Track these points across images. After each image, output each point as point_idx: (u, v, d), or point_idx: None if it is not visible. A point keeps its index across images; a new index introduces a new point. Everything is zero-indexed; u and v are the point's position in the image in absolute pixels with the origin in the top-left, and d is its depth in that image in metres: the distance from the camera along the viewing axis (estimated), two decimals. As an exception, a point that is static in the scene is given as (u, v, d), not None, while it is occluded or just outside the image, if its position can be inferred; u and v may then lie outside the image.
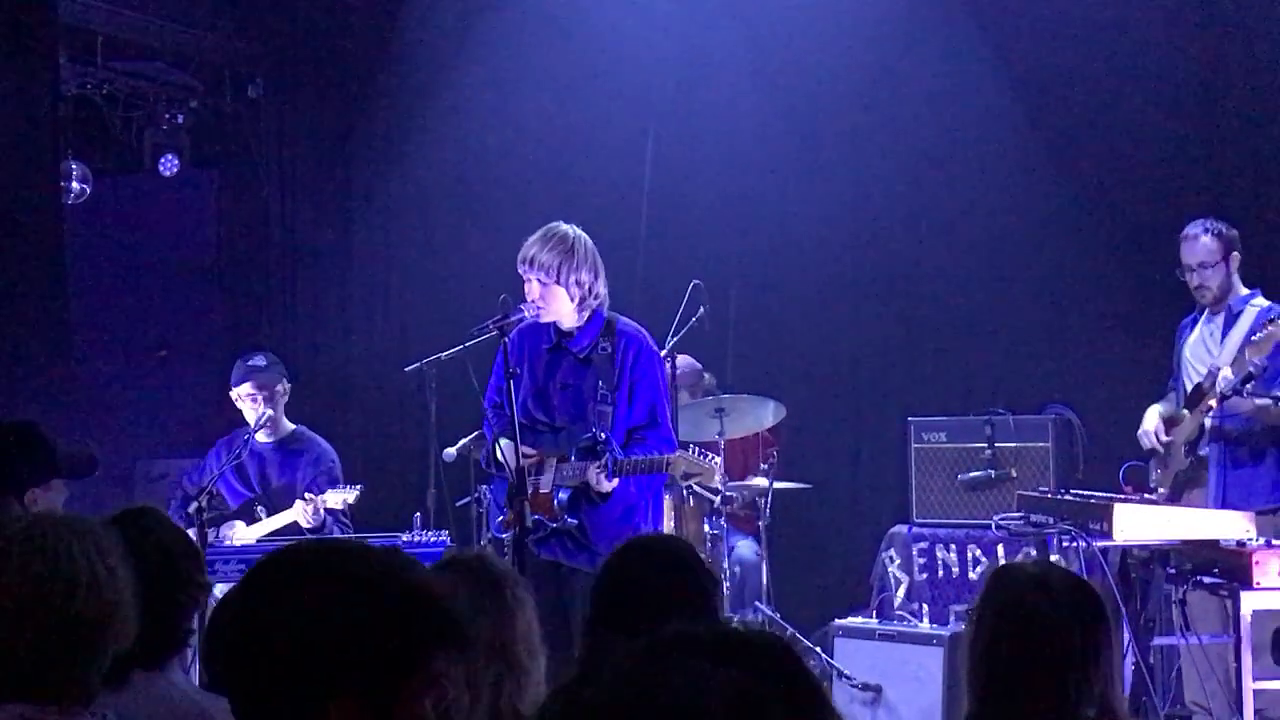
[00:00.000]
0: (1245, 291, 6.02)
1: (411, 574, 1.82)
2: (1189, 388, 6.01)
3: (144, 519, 2.97)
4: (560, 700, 1.44)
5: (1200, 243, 5.98)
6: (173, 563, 2.89)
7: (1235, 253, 5.99)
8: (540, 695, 2.80)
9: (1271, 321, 5.53)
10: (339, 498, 6.06)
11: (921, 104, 7.81)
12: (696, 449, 5.16)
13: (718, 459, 5.17)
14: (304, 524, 6.07)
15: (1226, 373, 5.69)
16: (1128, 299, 7.39)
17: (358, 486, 6.13)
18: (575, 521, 5.21)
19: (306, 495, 6.09)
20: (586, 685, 1.41)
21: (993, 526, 5.85)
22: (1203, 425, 5.89)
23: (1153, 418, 6.13)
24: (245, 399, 6.37)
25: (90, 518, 2.49)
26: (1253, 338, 5.59)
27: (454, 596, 1.84)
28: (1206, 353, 6.02)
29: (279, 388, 6.39)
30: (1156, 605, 5.61)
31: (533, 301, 5.22)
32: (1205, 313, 6.10)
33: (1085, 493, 5.70)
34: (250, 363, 6.45)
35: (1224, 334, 5.97)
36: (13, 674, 2.28)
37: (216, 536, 6.10)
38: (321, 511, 6.04)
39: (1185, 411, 5.98)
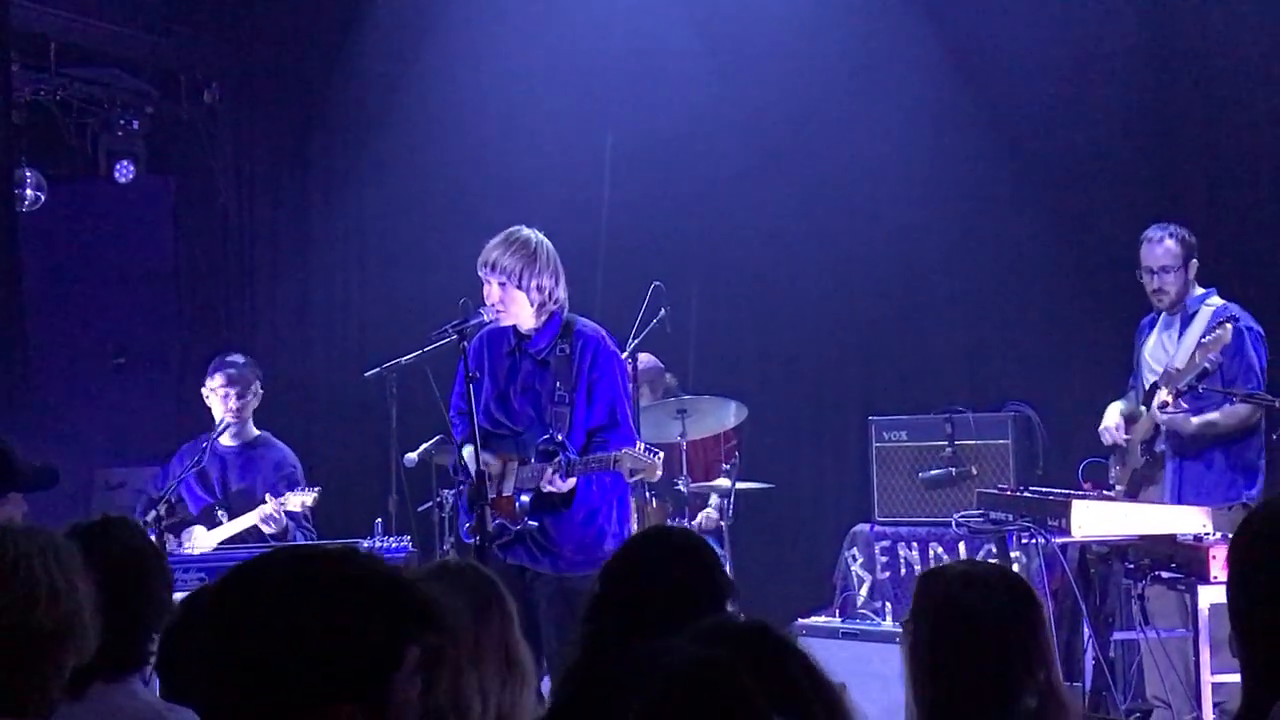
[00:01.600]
0: (1200, 291, 6.06)
1: (381, 567, 1.84)
2: (1147, 387, 6.06)
3: (118, 529, 2.93)
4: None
5: (1163, 246, 5.99)
6: (144, 578, 2.87)
7: (1194, 259, 6.02)
8: (531, 696, 2.79)
9: (1221, 324, 5.56)
10: (298, 500, 6.06)
11: (881, 107, 7.84)
12: (644, 446, 5.15)
13: (661, 454, 5.16)
14: (266, 529, 6.06)
15: (1163, 395, 5.73)
16: (1086, 297, 7.45)
17: (316, 488, 6.12)
18: (536, 524, 5.22)
19: (268, 497, 6.08)
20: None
21: (953, 524, 5.88)
22: (1157, 423, 5.94)
23: (1113, 414, 6.17)
24: (217, 391, 6.31)
25: (50, 529, 2.46)
26: (1203, 339, 5.63)
27: (424, 583, 1.86)
28: (1164, 353, 6.06)
29: (253, 387, 6.37)
30: (1115, 600, 5.65)
31: (492, 305, 5.22)
32: (1163, 314, 6.14)
33: (1044, 489, 5.73)
34: (228, 359, 6.44)
35: (1180, 334, 6.00)
36: (-30, 687, 2.26)
37: (177, 543, 6.08)
38: (282, 515, 6.02)
39: (1143, 409, 6.03)
